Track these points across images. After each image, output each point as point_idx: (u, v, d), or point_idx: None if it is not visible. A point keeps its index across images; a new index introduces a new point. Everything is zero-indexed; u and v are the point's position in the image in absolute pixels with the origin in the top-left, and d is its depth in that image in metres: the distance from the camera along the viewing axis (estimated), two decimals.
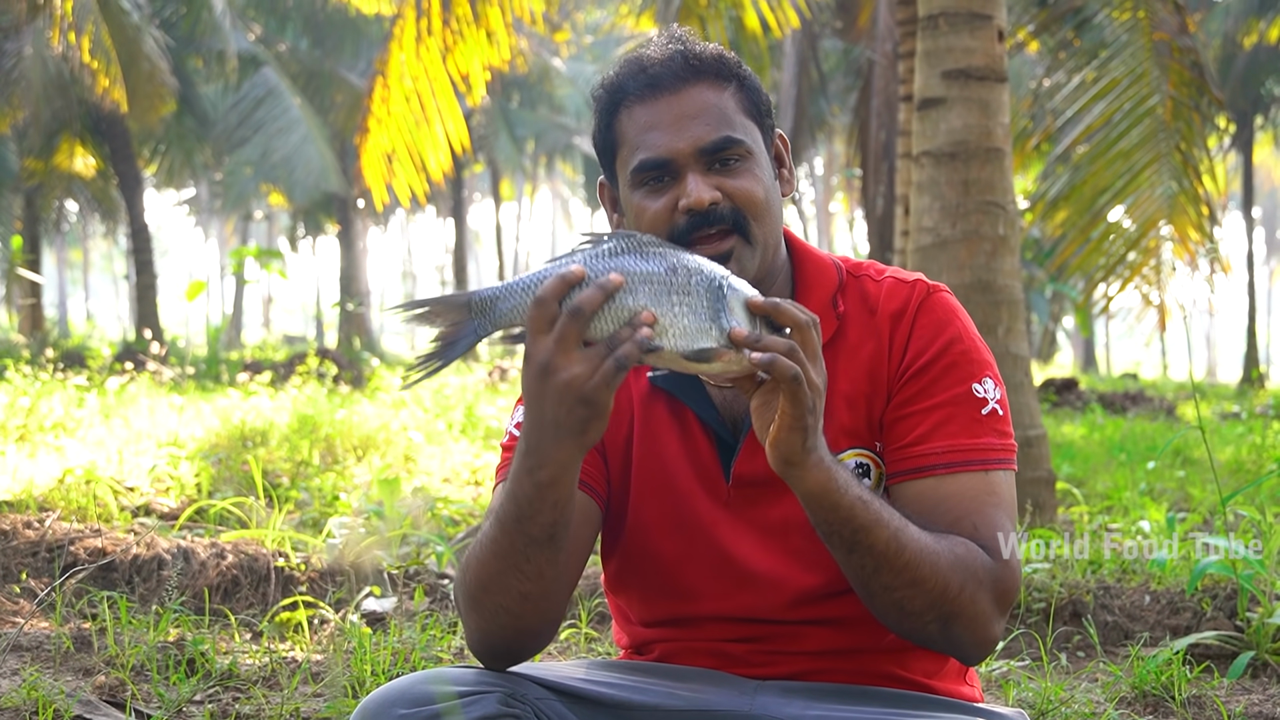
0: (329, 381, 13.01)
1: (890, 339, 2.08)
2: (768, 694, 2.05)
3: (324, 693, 3.45)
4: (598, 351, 1.73)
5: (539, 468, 1.80)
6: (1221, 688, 3.61)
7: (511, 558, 1.88)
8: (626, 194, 2.06)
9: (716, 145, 2.00)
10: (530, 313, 1.74)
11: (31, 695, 3.18)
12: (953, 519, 1.96)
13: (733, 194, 2.00)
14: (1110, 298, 8.94)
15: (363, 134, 10.61)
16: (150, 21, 18.21)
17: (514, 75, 25.47)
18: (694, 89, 2.02)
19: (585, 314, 1.71)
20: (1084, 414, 14.05)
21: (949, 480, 1.99)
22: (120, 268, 57.61)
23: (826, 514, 1.84)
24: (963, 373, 2.05)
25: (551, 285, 1.72)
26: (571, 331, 1.72)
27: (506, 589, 1.91)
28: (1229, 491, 5.66)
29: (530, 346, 1.75)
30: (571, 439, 1.77)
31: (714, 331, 1.75)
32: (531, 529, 1.85)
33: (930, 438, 2.01)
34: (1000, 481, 2.02)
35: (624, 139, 2.05)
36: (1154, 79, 8.46)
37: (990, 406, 2.04)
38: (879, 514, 1.84)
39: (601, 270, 1.75)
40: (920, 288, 2.11)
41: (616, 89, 2.06)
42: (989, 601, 1.92)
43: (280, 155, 22.54)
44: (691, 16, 9.90)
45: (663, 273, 1.75)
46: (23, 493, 5.73)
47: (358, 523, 5.24)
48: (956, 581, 1.89)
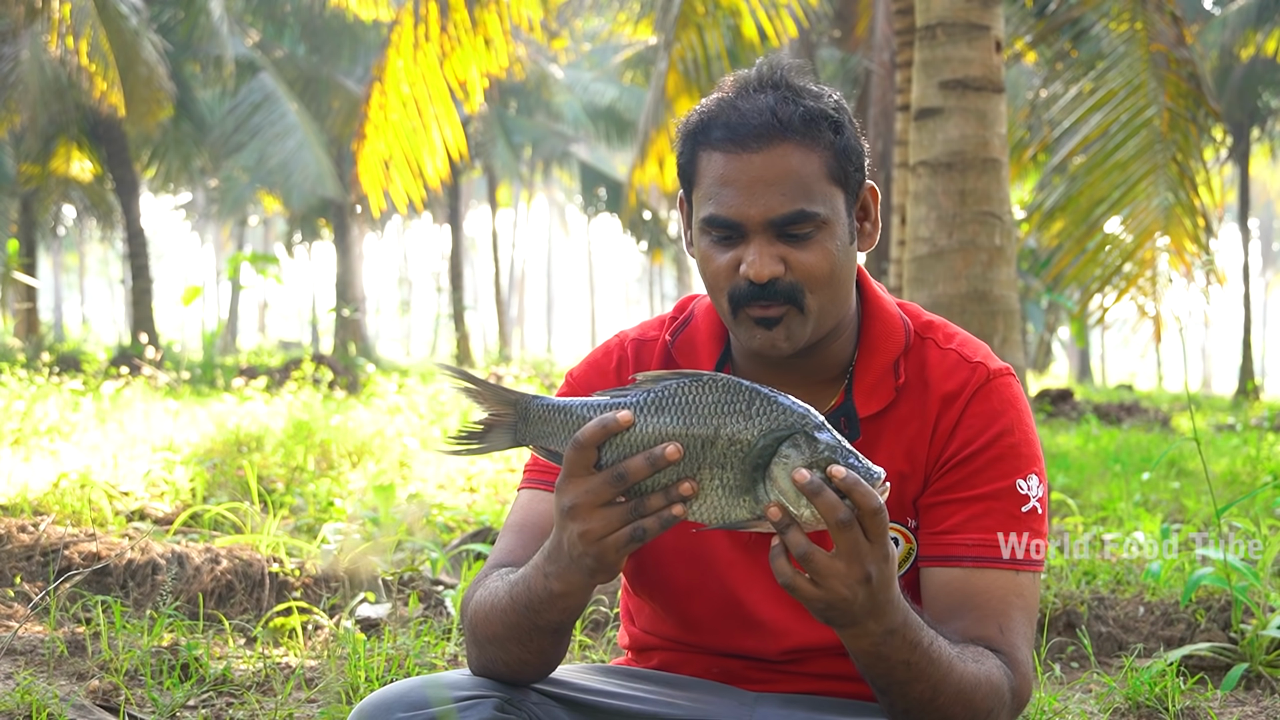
0: (324, 387, 13.00)
1: (937, 422, 2.04)
2: (767, 705, 2.05)
3: (318, 698, 3.45)
4: (620, 515, 1.72)
5: (554, 579, 1.82)
6: (1215, 699, 3.61)
7: (517, 632, 1.91)
8: (696, 230, 2.02)
9: (787, 219, 1.93)
10: (569, 453, 1.73)
11: (25, 699, 3.17)
12: (978, 616, 1.95)
13: (796, 267, 1.95)
14: (1106, 308, 8.94)
15: (360, 140, 10.63)
16: (148, 26, 18.20)
17: (511, 82, 25.45)
18: (778, 150, 1.92)
19: (626, 481, 1.70)
20: (1079, 425, 14.05)
21: (978, 575, 1.97)
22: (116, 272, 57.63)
23: (862, 667, 1.83)
24: (1009, 466, 2.02)
25: (593, 432, 1.71)
26: (606, 491, 1.71)
27: (508, 651, 1.94)
28: (1224, 503, 5.67)
29: (562, 482, 1.74)
30: (581, 575, 1.79)
31: (748, 501, 1.70)
32: (540, 621, 1.88)
33: (965, 528, 1.99)
34: (1027, 584, 1.99)
35: (701, 180, 1.99)
36: (1151, 90, 8.47)
37: (1031, 504, 2.01)
38: (922, 672, 1.80)
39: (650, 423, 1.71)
40: (980, 372, 2.06)
41: (703, 125, 1.99)
42: (1007, 715, 1.92)
43: (277, 160, 22.51)
44: (689, 25, 9.93)
45: (701, 442, 1.70)
46: (17, 497, 5.72)
47: (352, 529, 5.24)
48: (984, 711, 1.87)
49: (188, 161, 23.26)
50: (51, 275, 50.26)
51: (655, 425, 1.71)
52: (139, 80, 16.99)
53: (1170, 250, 8.61)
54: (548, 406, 1.79)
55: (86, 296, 64.93)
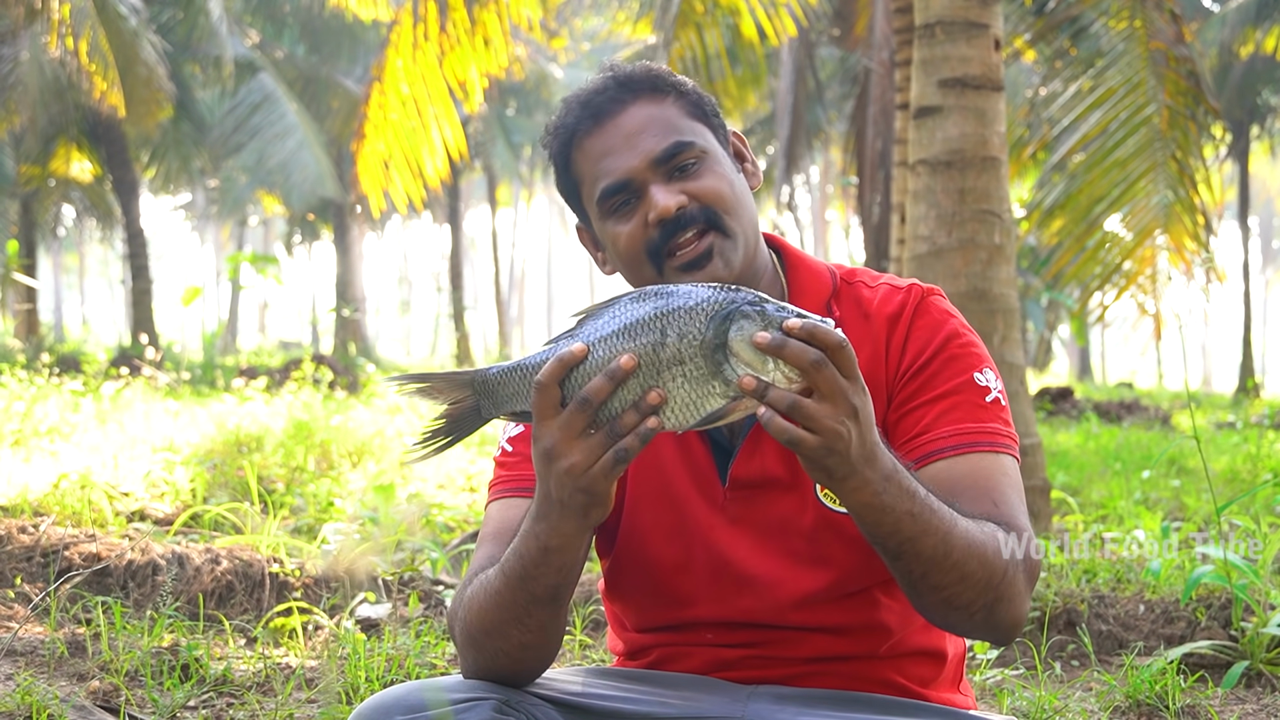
0: (324, 387, 13.00)
1: (887, 342, 2.08)
2: (760, 701, 2.05)
3: (318, 699, 3.45)
4: (600, 441, 1.73)
5: (546, 535, 1.83)
6: (1215, 697, 3.61)
7: (514, 610, 1.91)
8: (600, 227, 2.08)
9: (669, 152, 2.02)
10: (534, 399, 1.74)
11: (26, 700, 3.17)
12: (971, 497, 1.95)
13: (698, 194, 2.01)
14: (1106, 306, 8.93)
15: (359, 140, 10.62)
16: (148, 26, 18.20)
17: (511, 82, 25.44)
18: (633, 107, 2.04)
19: (593, 405, 1.72)
20: (1079, 423, 14.06)
21: (961, 461, 1.99)
22: (116, 273, 57.64)
23: (869, 528, 1.82)
24: (963, 364, 2.05)
25: (551, 369, 1.72)
26: (578, 420, 1.72)
27: (507, 637, 1.94)
28: (1224, 501, 5.67)
29: (536, 429, 1.76)
30: (575, 519, 1.79)
31: (719, 387, 1.70)
32: (535, 588, 1.88)
33: (937, 425, 2.01)
34: (1010, 465, 2.01)
35: (582, 175, 2.07)
36: (1150, 88, 8.46)
37: (993, 395, 2.04)
38: (928, 523, 1.80)
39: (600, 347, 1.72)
40: (915, 291, 2.11)
41: (562, 130, 2.09)
42: (1024, 580, 1.91)
43: (277, 161, 22.53)
44: (688, 24, 9.93)
45: (651, 347, 1.71)
46: (17, 497, 5.72)
47: (352, 529, 5.24)
48: (1000, 568, 1.87)
49: (187, 162, 23.26)
50: (51, 276, 50.27)
51: (606, 345, 1.72)
52: (138, 81, 17.00)
53: (1170, 248, 8.61)
54: (502, 371, 1.80)
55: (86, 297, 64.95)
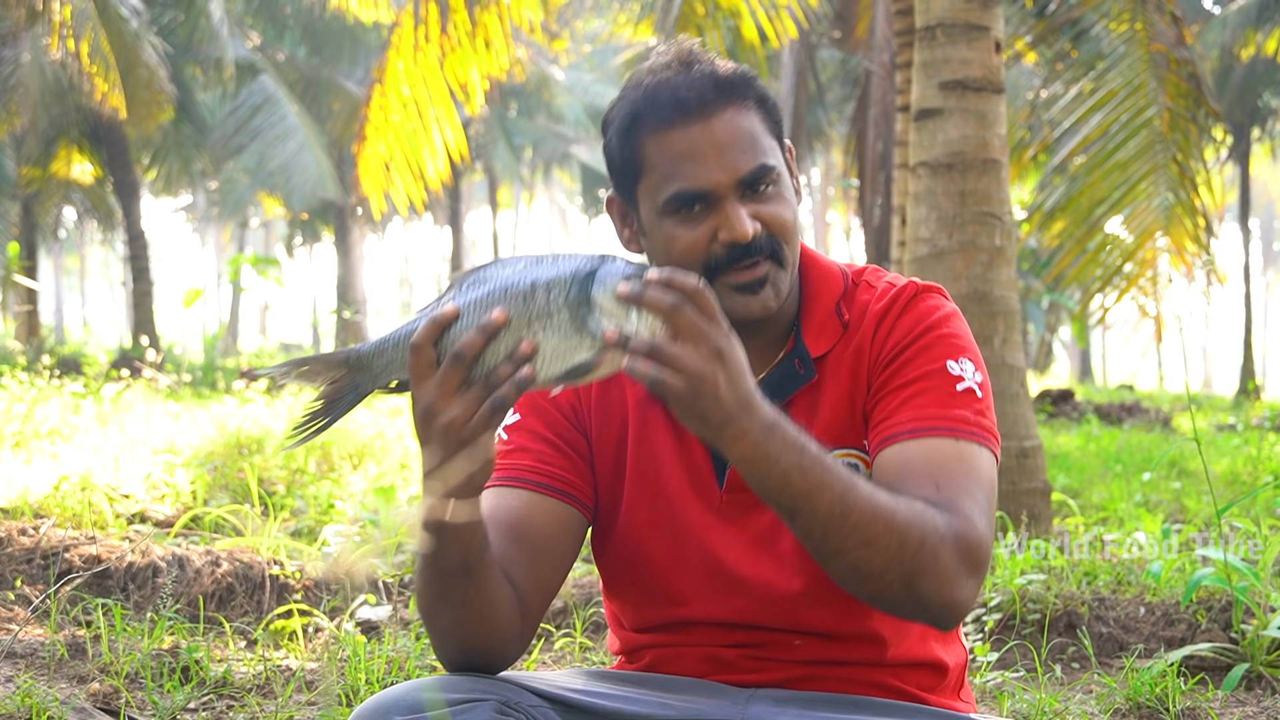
0: None
1: (873, 335, 2.07)
2: (760, 703, 2.05)
3: (318, 701, 3.45)
4: (476, 394, 1.72)
5: (437, 508, 1.81)
6: (1216, 700, 3.61)
7: (435, 588, 1.90)
8: (653, 220, 2.03)
9: (755, 175, 1.98)
10: (409, 360, 1.74)
11: (26, 702, 3.18)
12: (914, 481, 1.89)
13: (769, 221, 1.99)
14: (1107, 309, 8.93)
15: (360, 142, 10.63)
16: (149, 28, 18.21)
17: (512, 84, 25.47)
18: (726, 113, 1.98)
19: (466, 358, 1.71)
20: (1080, 425, 14.05)
21: (914, 445, 1.94)
22: (117, 274, 57.66)
23: (757, 483, 1.78)
24: (936, 352, 2.02)
25: (425, 330, 1.72)
26: (453, 376, 1.71)
27: (440, 615, 1.94)
28: (1224, 503, 5.67)
29: (414, 391, 1.74)
30: (460, 481, 1.77)
31: (586, 341, 1.71)
32: (445, 563, 1.87)
33: (899, 411, 1.98)
34: (971, 453, 1.94)
35: (653, 165, 2.01)
36: (1151, 91, 8.46)
37: (967, 385, 1.99)
38: (819, 479, 1.76)
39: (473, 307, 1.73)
40: (909, 288, 2.10)
41: (641, 110, 2.01)
42: (952, 557, 1.83)
43: (277, 163, 22.53)
44: (689, 26, 9.92)
45: (521, 300, 1.72)
46: (18, 499, 5.72)
47: (353, 531, 5.24)
48: (914, 537, 1.80)
49: (188, 164, 23.27)
50: (52, 278, 50.28)
51: (478, 305, 1.73)
52: (139, 83, 17.00)
53: (1171, 250, 8.61)
54: (375, 344, 1.80)
55: (87, 299, 64.96)
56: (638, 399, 2.15)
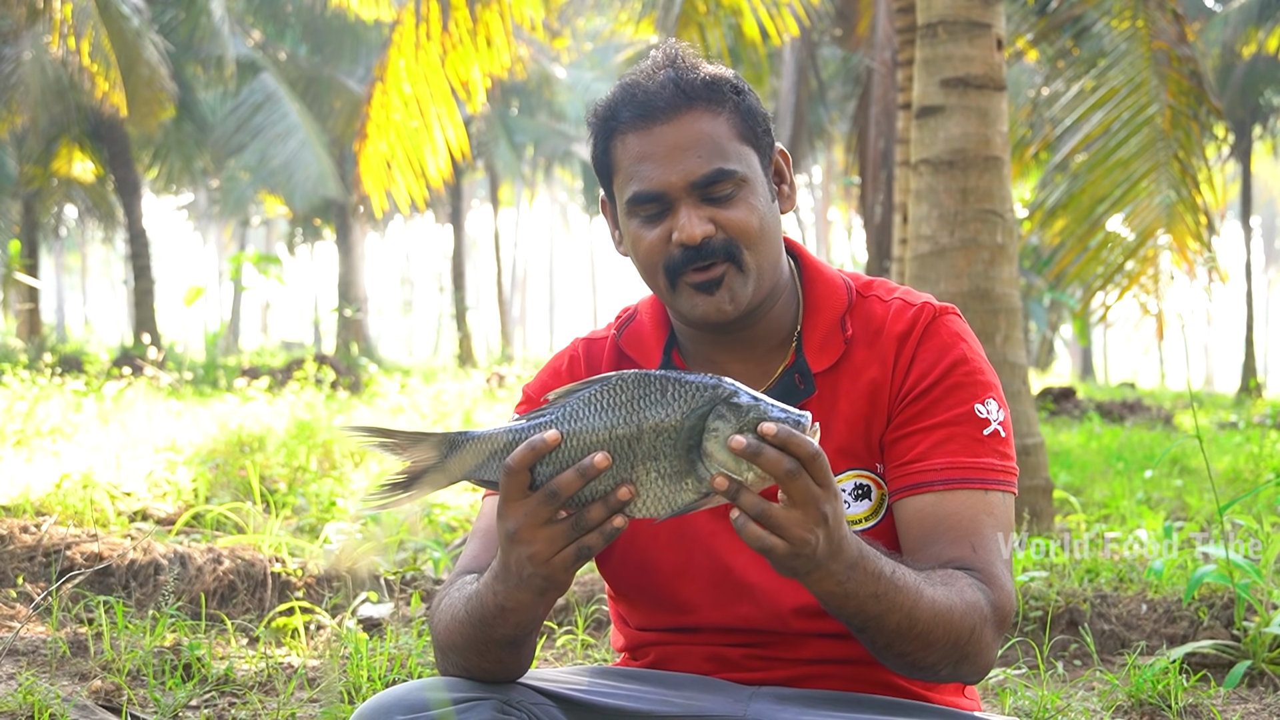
0: (327, 387, 13.00)
1: (895, 361, 2.07)
2: (762, 701, 2.05)
3: (320, 698, 3.45)
4: (563, 532, 1.73)
5: (503, 597, 1.83)
6: (1218, 697, 3.61)
7: (475, 645, 1.93)
8: (624, 219, 2.07)
9: (708, 178, 1.99)
10: (502, 481, 1.73)
11: (28, 700, 3.18)
12: (951, 539, 1.95)
13: (725, 225, 2.00)
14: (1108, 306, 8.92)
15: (361, 140, 10.62)
16: (150, 27, 18.20)
17: (513, 82, 25.47)
18: (686, 117, 2.00)
19: (560, 498, 1.71)
20: (1082, 423, 14.05)
21: (948, 497, 1.99)
22: (118, 273, 57.65)
23: (834, 611, 1.84)
24: (966, 394, 2.04)
25: (522, 456, 1.71)
26: (544, 511, 1.72)
27: (469, 660, 1.96)
28: (1226, 501, 5.66)
29: (501, 508, 1.75)
30: (531, 594, 1.81)
31: (691, 483, 1.71)
32: (494, 634, 1.89)
33: (931, 455, 2.01)
34: (998, 503, 2.01)
35: (619, 166, 2.05)
36: (1153, 88, 8.45)
37: (992, 428, 2.03)
38: (892, 602, 1.81)
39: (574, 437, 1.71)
40: (927, 310, 2.10)
41: (609, 115, 2.06)
42: (992, 635, 1.92)
43: (279, 161, 22.53)
44: (691, 24, 9.91)
45: (626, 442, 1.70)
46: (20, 497, 5.72)
47: (354, 528, 5.24)
48: (966, 630, 1.88)
49: (189, 162, 23.28)
50: (54, 276, 50.29)
51: (580, 436, 1.71)
52: (141, 81, 17.00)
53: (1172, 248, 8.60)
54: (472, 440, 1.78)
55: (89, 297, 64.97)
56: None
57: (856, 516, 2.08)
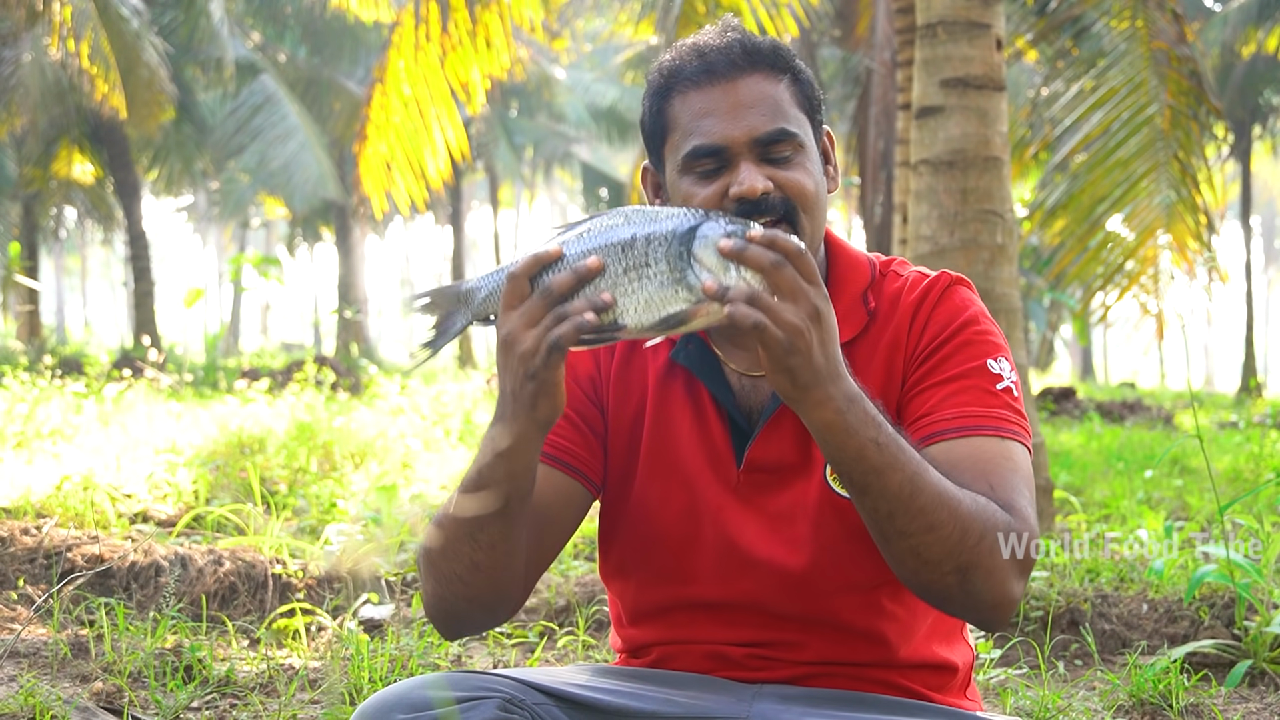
0: (327, 389, 13.00)
1: (909, 327, 2.08)
2: (765, 700, 2.05)
3: (321, 699, 3.45)
4: (548, 325, 1.75)
5: (499, 436, 1.84)
6: (1219, 696, 3.61)
7: (466, 525, 1.91)
8: (674, 179, 2.05)
9: (771, 136, 1.99)
10: (503, 289, 1.78)
11: (29, 701, 3.18)
12: (968, 479, 1.91)
13: (784, 185, 1.99)
14: (1108, 306, 8.93)
15: (361, 141, 10.63)
16: (149, 29, 18.20)
17: (513, 83, 25.46)
18: (750, 78, 2.01)
19: (554, 295, 1.74)
20: (1082, 423, 14.05)
21: (962, 443, 1.96)
22: (118, 275, 57.66)
23: (833, 452, 1.81)
24: (977, 350, 2.04)
25: (525, 263, 1.76)
26: (537, 309, 1.75)
27: (459, 556, 1.93)
28: (1227, 500, 5.66)
29: (500, 319, 1.78)
30: (525, 413, 1.80)
31: (682, 293, 1.74)
32: (487, 500, 1.88)
33: (943, 407, 2.00)
34: (1016, 451, 1.98)
35: (676, 124, 2.04)
36: (1152, 88, 8.46)
37: (1005, 384, 2.02)
38: (894, 457, 1.79)
39: (573, 247, 1.77)
40: (943, 279, 2.12)
41: (671, 73, 2.05)
42: (1008, 555, 1.87)
43: (278, 163, 22.53)
44: (690, 25, 9.91)
45: (620, 248, 1.76)
46: (20, 499, 5.72)
47: (355, 530, 5.24)
48: (976, 530, 1.83)
49: (189, 164, 23.28)
50: (54, 278, 50.29)
51: (579, 247, 1.77)
52: (140, 83, 17.00)
53: (1172, 248, 8.61)
54: (483, 277, 1.86)
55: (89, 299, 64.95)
56: (658, 375, 2.15)
57: None
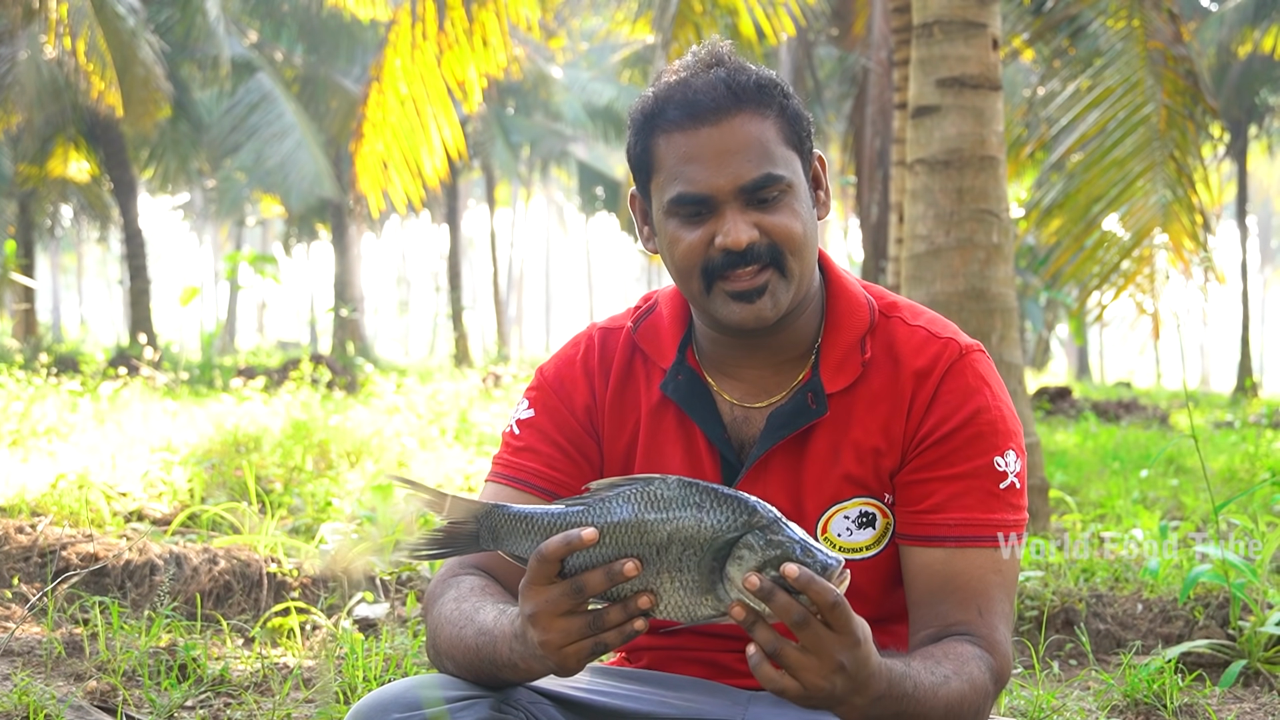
0: (323, 387, 12.99)
1: (912, 399, 2.05)
2: (760, 704, 2.05)
3: (315, 698, 3.45)
4: (580, 626, 1.72)
5: (518, 658, 1.83)
6: (1213, 696, 3.61)
7: (476, 671, 1.92)
8: (660, 218, 2.04)
9: (757, 184, 1.96)
10: (532, 565, 1.72)
11: (23, 700, 3.17)
12: (958, 600, 1.96)
13: (771, 230, 1.97)
14: (1104, 306, 8.93)
15: (357, 140, 10.63)
16: (145, 26, 18.18)
17: (509, 82, 25.42)
18: (736, 120, 1.96)
19: (584, 594, 1.71)
20: (1077, 422, 14.06)
21: (959, 555, 1.99)
22: (114, 273, 57.61)
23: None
24: (986, 444, 2.02)
25: (556, 547, 1.70)
26: (566, 602, 1.71)
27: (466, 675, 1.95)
28: (1222, 500, 5.67)
29: (525, 588, 1.74)
30: (542, 669, 1.81)
31: (711, 601, 1.71)
32: (501, 675, 1.89)
33: (945, 508, 2.00)
34: (1007, 561, 2.01)
35: (661, 165, 2.01)
36: (1148, 87, 8.46)
37: (1009, 481, 2.02)
38: (913, 713, 1.80)
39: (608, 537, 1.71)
40: (952, 348, 2.07)
41: (656, 112, 2.01)
42: (992, 700, 1.94)
43: (275, 161, 22.49)
44: (687, 24, 9.92)
45: (655, 551, 1.70)
46: (15, 498, 5.71)
47: (350, 528, 5.23)
48: (972, 712, 1.88)
49: (185, 162, 23.25)
50: (49, 276, 50.26)
51: (614, 537, 1.71)
52: (136, 81, 16.98)
53: (1168, 247, 8.61)
54: (513, 517, 1.78)
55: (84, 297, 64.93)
56: (651, 407, 2.15)
57: (858, 544, 2.07)
